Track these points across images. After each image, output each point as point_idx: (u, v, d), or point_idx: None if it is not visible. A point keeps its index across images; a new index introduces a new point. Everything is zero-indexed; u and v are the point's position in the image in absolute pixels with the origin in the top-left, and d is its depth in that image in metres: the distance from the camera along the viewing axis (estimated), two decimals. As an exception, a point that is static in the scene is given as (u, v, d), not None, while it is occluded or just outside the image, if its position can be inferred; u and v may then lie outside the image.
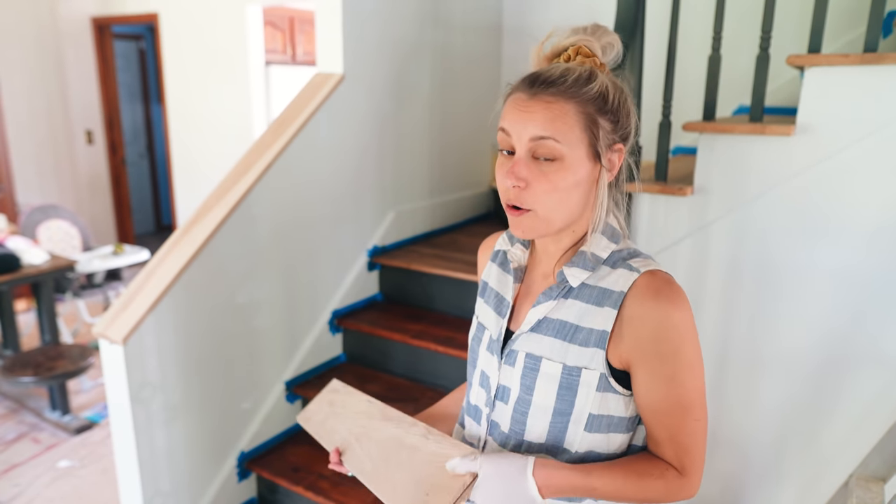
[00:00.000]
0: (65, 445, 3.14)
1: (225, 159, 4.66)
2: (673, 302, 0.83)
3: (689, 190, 1.91)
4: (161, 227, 7.33)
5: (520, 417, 0.92)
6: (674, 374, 0.84)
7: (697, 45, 2.60)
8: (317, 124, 2.40)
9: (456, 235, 3.17)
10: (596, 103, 0.83)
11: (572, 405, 0.88)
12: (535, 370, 0.90)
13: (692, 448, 0.87)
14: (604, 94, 0.84)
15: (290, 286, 2.47)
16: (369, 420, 1.07)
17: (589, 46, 0.87)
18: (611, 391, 0.88)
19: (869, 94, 1.66)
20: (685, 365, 0.84)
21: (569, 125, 0.82)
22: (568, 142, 0.82)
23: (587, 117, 0.83)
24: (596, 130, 0.84)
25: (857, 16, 2.67)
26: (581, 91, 0.83)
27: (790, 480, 2.00)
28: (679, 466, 0.88)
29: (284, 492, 2.39)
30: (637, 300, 0.84)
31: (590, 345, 0.87)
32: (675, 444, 0.87)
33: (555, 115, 0.82)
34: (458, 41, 3.13)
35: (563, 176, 0.83)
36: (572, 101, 0.82)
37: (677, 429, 0.86)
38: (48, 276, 3.50)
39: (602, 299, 0.87)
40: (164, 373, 2.05)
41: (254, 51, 4.49)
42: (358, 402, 1.13)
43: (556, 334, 0.89)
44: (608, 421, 0.89)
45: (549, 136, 0.82)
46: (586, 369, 0.87)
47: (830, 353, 1.85)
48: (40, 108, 5.11)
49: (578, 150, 0.83)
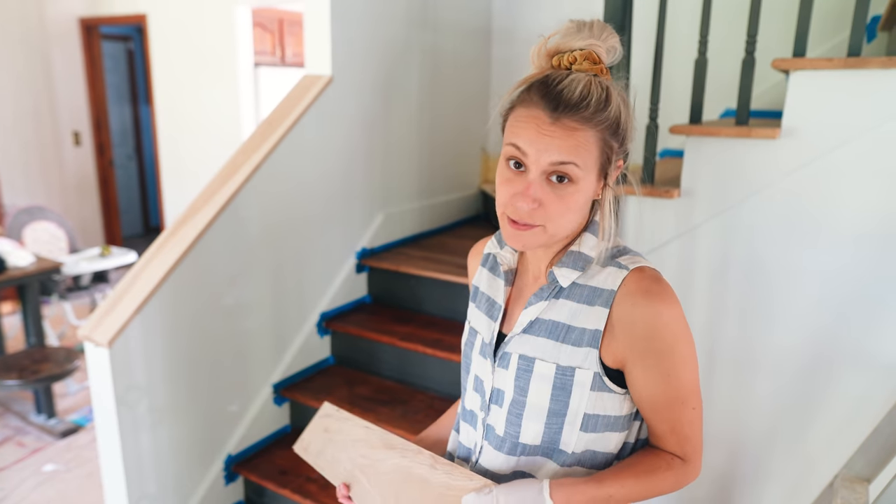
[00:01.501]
0: (50, 449, 3.11)
1: (213, 161, 4.64)
2: (663, 299, 0.84)
3: (676, 192, 1.92)
4: (149, 229, 7.28)
5: (514, 420, 0.92)
6: (669, 370, 0.85)
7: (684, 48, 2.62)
8: (305, 126, 2.40)
9: (445, 238, 3.17)
10: (612, 128, 0.83)
11: (567, 405, 0.88)
12: (528, 371, 0.90)
13: (692, 436, 0.90)
14: (618, 117, 0.84)
15: (278, 288, 2.46)
16: (371, 449, 1.04)
17: (597, 53, 0.84)
18: (606, 390, 0.88)
19: (853, 98, 1.68)
20: (679, 359, 0.86)
21: (590, 152, 0.82)
22: (587, 167, 0.83)
23: (604, 143, 0.84)
24: (610, 154, 0.85)
25: (841, 20, 2.70)
26: (601, 117, 0.82)
27: (777, 480, 2.01)
28: (682, 454, 0.90)
29: (271, 495, 2.37)
30: (627, 299, 0.85)
31: (583, 344, 0.87)
32: (676, 435, 0.89)
33: (579, 143, 0.81)
34: (447, 44, 3.13)
35: (577, 198, 0.84)
36: (594, 129, 0.82)
37: (677, 421, 0.88)
38: (34, 278, 3.47)
39: (593, 298, 0.87)
40: (150, 376, 2.04)
41: (242, 52, 4.48)
42: (355, 428, 1.10)
43: (549, 335, 0.89)
44: (604, 420, 0.90)
45: (571, 163, 0.81)
46: (580, 369, 0.87)
47: (816, 354, 1.87)
48: (27, 109, 5.06)
49: (592, 174, 0.84)
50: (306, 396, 2.46)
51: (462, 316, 2.57)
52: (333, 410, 1.17)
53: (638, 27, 2.06)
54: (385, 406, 2.36)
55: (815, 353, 1.87)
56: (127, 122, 6.92)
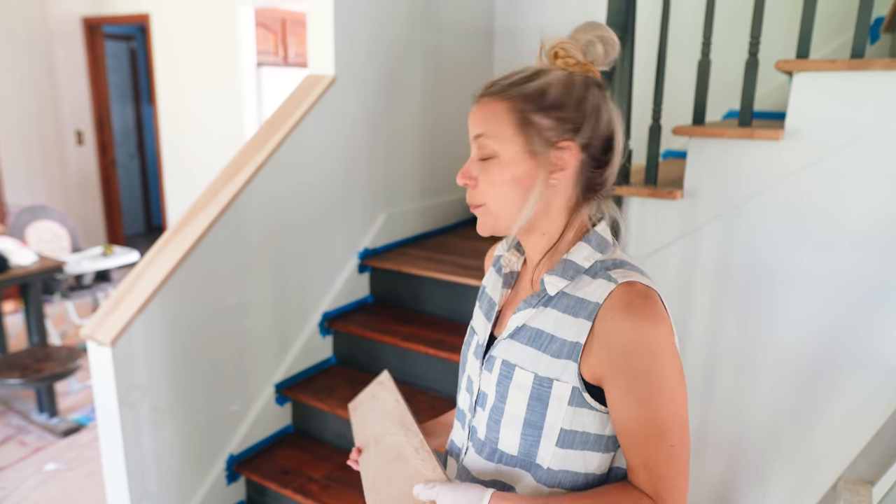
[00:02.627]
0: (52, 448, 3.11)
1: (216, 160, 4.64)
2: (645, 317, 0.79)
3: (678, 193, 1.92)
4: (151, 229, 7.29)
5: (494, 426, 0.90)
6: (645, 395, 0.79)
7: (687, 49, 2.61)
8: (308, 126, 2.40)
9: (447, 238, 3.17)
10: (532, 101, 0.83)
11: (543, 417, 0.85)
12: (508, 378, 0.88)
13: (669, 478, 0.80)
14: (543, 90, 0.83)
15: (280, 288, 2.46)
16: (389, 422, 1.09)
17: (565, 49, 0.86)
18: (585, 406, 0.84)
19: (856, 100, 1.68)
20: (657, 386, 0.79)
21: (501, 124, 0.84)
22: (500, 139, 0.85)
23: (519, 115, 0.84)
24: (529, 128, 0.84)
25: (844, 22, 2.69)
26: (516, 90, 0.84)
27: (779, 483, 2.01)
28: (653, 495, 0.81)
29: (273, 495, 2.37)
30: (609, 313, 0.81)
31: (562, 356, 0.84)
32: (648, 471, 0.81)
33: (486, 115, 0.86)
34: (450, 44, 3.13)
35: (499, 171, 0.85)
36: (505, 101, 0.84)
37: (650, 455, 0.81)
38: (36, 277, 3.47)
39: (578, 309, 0.84)
40: (152, 375, 2.04)
41: (245, 52, 4.48)
42: (390, 400, 1.15)
43: (531, 343, 0.87)
44: (582, 438, 0.86)
45: (482, 134, 0.86)
46: (557, 381, 0.84)
47: (819, 355, 1.86)
48: (30, 109, 5.07)
49: (513, 147, 0.84)
50: (308, 396, 2.46)
51: (464, 317, 2.57)
52: (386, 379, 1.22)
53: (641, 28, 2.06)
54: (387, 406, 2.36)
55: (818, 355, 1.86)
56: (129, 122, 6.93)
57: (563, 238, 0.89)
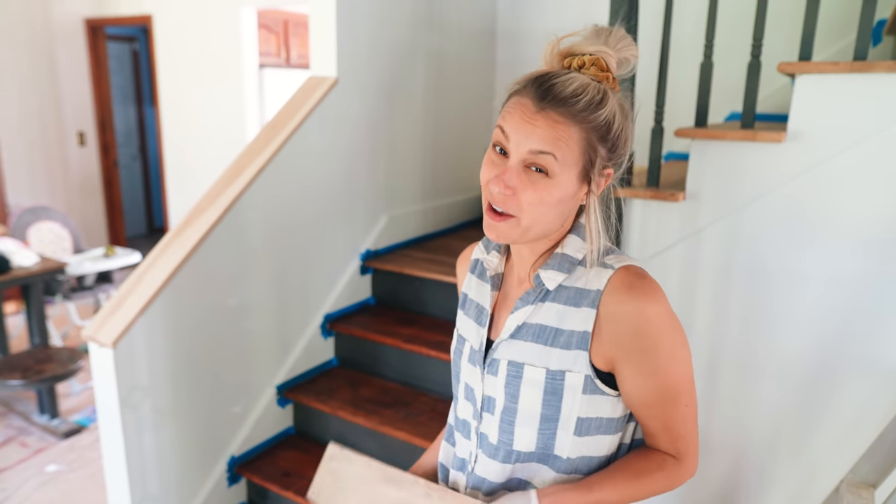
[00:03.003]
0: (53, 449, 3.11)
1: (218, 162, 4.65)
2: (647, 294, 0.83)
3: (681, 195, 1.92)
4: (153, 230, 7.30)
5: (507, 427, 0.91)
6: (658, 367, 0.84)
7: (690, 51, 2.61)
8: (310, 128, 2.40)
9: (449, 240, 3.17)
10: (600, 131, 0.82)
11: (559, 410, 0.87)
12: (518, 377, 0.89)
13: (685, 433, 0.88)
14: (610, 122, 0.83)
15: (282, 290, 2.46)
16: (372, 487, 1.03)
17: (607, 61, 0.84)
18: (598, 393, 0.87)
19: (859, 102, 1.67)
20: (667, 355, 0.84)
21: (570, 148, 0.81)
22: (565, 162, 0.82)
23: (588, 143, 0.82)
24: (594, 157, 0.83)
25: (847, 24, 2.69)
26: (590, 117, 0.81)
27: (781, 486, 2.00)
28: (675, 453, 0.89)
29: (274, 497, 2.37)
30: (613, 297, 0.84)
31: (572, 347, 0.86)
32: (668, 432, 0.88)
33: (559, 136, 0.80)
34: (452, 45, 3.13)
35: (551, 192, 0.82)
36: (579, 126, 0.81)
37: (669, 418, 0.87)
38: (38, 278, 3.47)
39: (579, 299, 0.86)
40: (153, 376, 2.04)
41: (247, 53, 4.49)
42: (357, 468, 1.08)
43: (537, 339, 0.88)
44: (597, 423, 0.89)
45: (549, 153, 0.81)
46: (570, 372, 0.86)
47: (821, 358, 1.86)
48: (32, 110, 5.08)
49: (571, 171, 0.82)
50: (310, 398, 2.46)
51: (465, 318, 2.56)
52: (338, 451, 1.14)
53: (643, 30, 2.06)
54: (388, 408, 2.36)
55: (819, 358, 1.86)
56: (131, 123, 6.94)
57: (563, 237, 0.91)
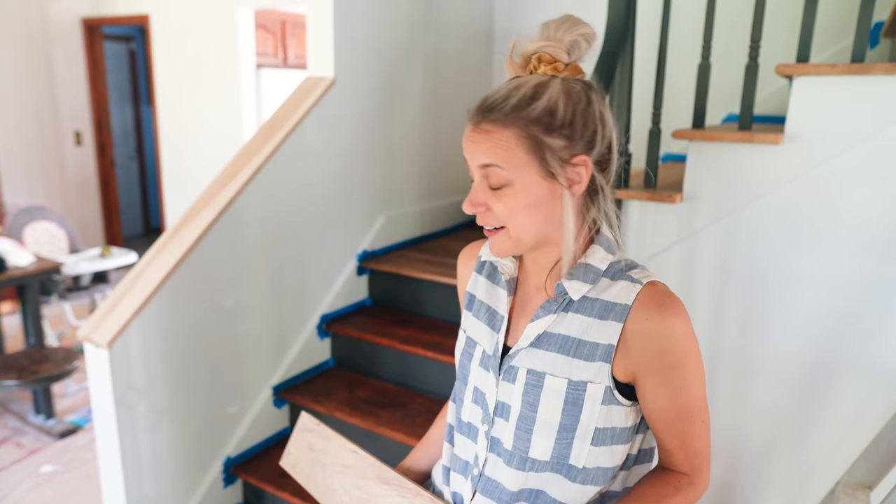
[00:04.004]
0: (48, 450, 3.10)
1: (215, 162, 4.64)
2: (676, 314, 0.84)
3: (678, 197, 1.92)
4: (150, 230, 7.28)
5: (523, 435, 0.89)
6: (681, 383, 0.85)
7: (687, 53, 2.62)
8: (307, 128, 2.40)
9: (446, 241, 3.16)
10: (541, 122, 0.80)
11: (577, 420, 0.87)
12: (538, 387, 0.88)
13: (701, 450, 0.89)
14: (551, 110, 0.80)
15: (279, 290, 2.45)
16: (364, 481, 1.01)
17: (550, 52, 0.83)
18: (615, 403, 0.87)
19: (856, 104, 1.67)
20: (691, 372, 0.85)
21: (511, 151, 0.80)
22: (513, 167, 0.81)
23: (531, 140, 0.80)
24: (543, 151, 0.80)
25: (844, 27, 2.70)
26: (522, 114, 0.80)
27: (777, 487, 2.00)
28: (690, 469, 0.89)
29: (271, 498, 2.37)
30: (642, 313, 0.84)
31: (595, 359, 0.85)
32: (685, 449, 0.88)
33: (495, 144, 0.81)
34: (450, 46, 3.13)
35: (516, 199, 0.82)
36: (512, 127, 0.80)
37: (687, 435, 0.87)
38: (33, 278, 3.46)
39: (605, 312, 0.86)
40: (149, 377, 2.03)
41: (245, 53, 4.48)
42: (342, 452, 1.06)
43: (560, 349, 0.87)
44: (612, 433, 0.88)
45: (492, 164, 0.81)
46: (591, 383, 0.85)
47: (818, 360, 1.86)
48: (28, 109, 5.07)
49: (527, 173, 0.81)
50: (306, 399, 2.46)
51: (463, 319, 2.56)
52: (314, 425, 1.12)
53: (641, 31, 2.06)
54: (385, 409, 2.36)
55: (816, 360, 1.86)
56: (128, 123, 6.93)
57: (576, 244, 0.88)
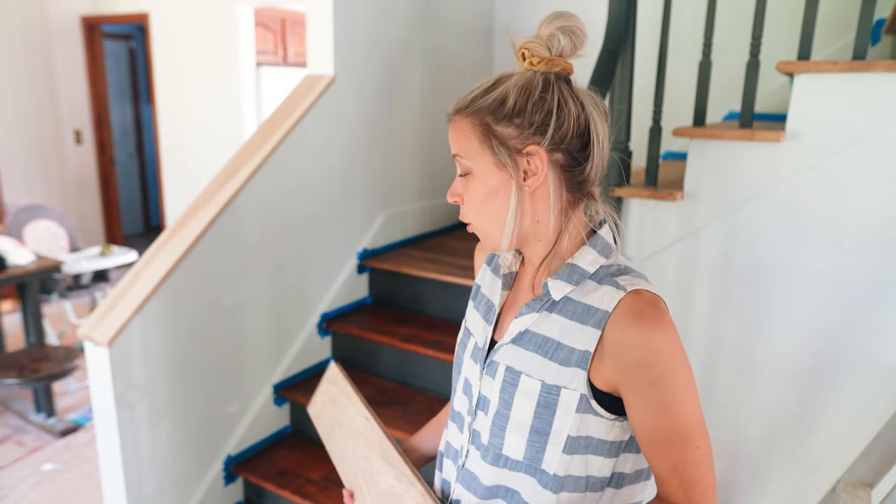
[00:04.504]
0: (49, 448, 3.10)
1: (215, 160, 4.63)
2: (656, 325, 0.79)
3: (678, 195, 1.92)
4: (150, 228, 7.28)
5: (498, 431, 0.89)
6: (666, 401, 0.79)
7: (688, 50, 2.61)
8: (307, 126, 2.39)
9: (446, 239, 3.16)
10: (491, 112, 0.84)
11: (550, 424, 0.84)
12: (514, 385, 0.87)
13: (698, 480, 0.80)
14: (500, 100, 0.83)
15: (279, 288, 2.45)
16: (371, 452, 1.04)
17: (529, 48, 0.87)
18: (591, 413, 0.83)
19: (858, 101, 1.67)
20: (676, 391, 0.79)
21: (468, 139, 0.86)
22: (470, 156, 0.86)
23: (483, 127, 0.84)
24: (491, 140, 0.84)
25: (846, 24, 2.69)
26: (478, 103, 0.85)
27: (778, 485, 2.00)
28: (687, 501, 0.81)
29: (271, 496, 2.37)
30: (620, 322, 0.80)
31: (571, 364, 0.83)
32: (678, 477, 0.81)
33: (457, 133, 0.88)
34: (450, 43, 3.12)
35: (474, 187, 0.86)
36: (469, 117, 0.86)
37: (678, 460, 0.80)
38: (34, 276, 3.46)
39: (586, 317, 0.83)
40: (149, 375, 2.03)
41: (245, 52, 4.48)
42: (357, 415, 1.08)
43: (538, 350, 0.86)
44: (586, 443, 0.85)
45: (457, 154, 0.88)
46: (566, 389, 0.83)
47: (818, 358, 1.86)
48: (28, 108, 5.06)
49: (483, 162, 0.85)
50: (306, 397, 2.46)
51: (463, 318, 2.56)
52: (339, 378, 1.15)
53: (642, 29, 2.05)
54: (385, 407, 2.35)
55: (817, 358, 1.86)
56: (128, 121, 6.92)
57: (560, 242, 0.87)
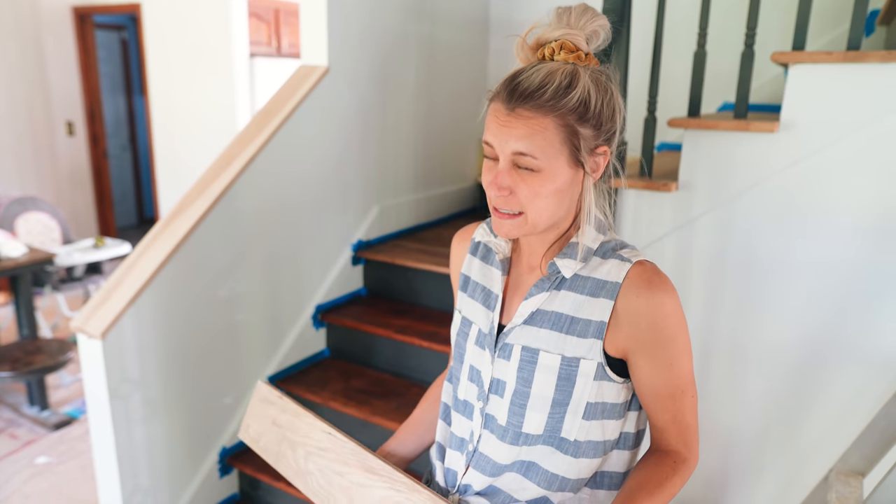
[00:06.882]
0: (43, 441, 3.10)
1: (208, 152, 4.61)
2: (665, 291, 0.86)
3: (673, 186, 1.92)
4: (143, 220, 7.25)
5: (518, 410, 0.92)
6: (671, 359, 0.87)
7: (683, 41, 2.60)
8: (301, 117, 2.38)
9: (441, 230, 3.16)
10: (577, 112, 0.82)
11: (570, 395, 0.90)
12: (532, 363, 0.90)
13: (692, 424, 0.92)
14: (585, 100, 0.82)
15: (273, 280, 2.44)
16: (346, 467, 0.97)
17: (573, 41, 0.84)
18: (606, 379, 0.89)
19: (852, 92, 1.67)
20: (680, 349, 0.88)
21: (548, 140, 0.81)
22: (546, 155, 0.82)
23: (567, 129, 0.82)
24: (577, 141, 0.83)
25: (840, 14, 2.69)
26: (560, 103, 0.81)
27: (771, 475, 2.02)
28: (683, 444, 0.92)
29: (266, 487, 2.37)
30: (632, 290, 0.86)
31: (588, 335, 0.88)
32: (677, 424, 0.91)
33: (533, 131, 0.81)
34: (444, 34, 3.11)
35: (543, 184, 0.84)
36: (551, 115, 0.81)
37: (678, 410, 0.90)
38: (26, 269, 3.44)
39: (597, 290, 0.89)
40: (143, 368, 2.03)
41: (238, 42, 4.45)
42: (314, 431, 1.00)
43: (553, 326, 0.90)
44: (602, 408, 0.91)
45: (527, 154, 0.82)
46: (584, 359, 0.88)
47: (812, 348, 1.87)
48: (20, 99, 5.02)
49: (558, 161, 0.83)
50: (301, 389, 2.45)
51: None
52: (275, 397, 1.06)
53: (637, 19, 2.05)
54: (380, 399, 2.36)
55: (810, 347, 1.87)
56: (121, 113, 6.88)
57: (573, 225, 0.92)
